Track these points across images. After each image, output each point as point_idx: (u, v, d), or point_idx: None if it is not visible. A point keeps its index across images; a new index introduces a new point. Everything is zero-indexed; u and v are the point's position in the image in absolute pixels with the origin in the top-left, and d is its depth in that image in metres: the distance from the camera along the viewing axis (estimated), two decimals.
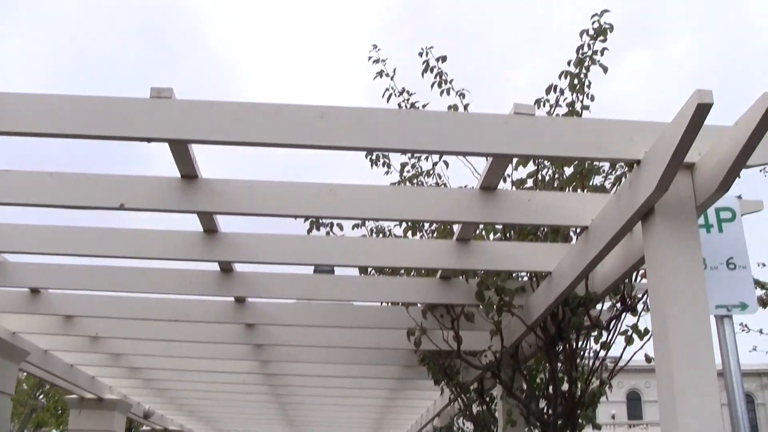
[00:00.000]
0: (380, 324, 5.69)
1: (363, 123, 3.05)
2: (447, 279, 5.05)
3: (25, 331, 6.47)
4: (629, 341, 4.66)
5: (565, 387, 4.83)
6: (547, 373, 5.09)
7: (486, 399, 6.03)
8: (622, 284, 4.48)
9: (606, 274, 4.06)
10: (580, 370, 4.87)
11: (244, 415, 12.68)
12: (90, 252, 4.45)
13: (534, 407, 5.10)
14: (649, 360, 4.16)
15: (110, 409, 9.77)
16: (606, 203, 3.52)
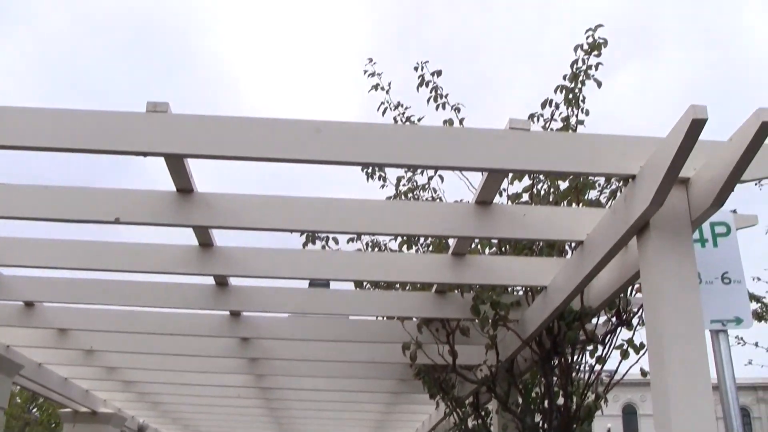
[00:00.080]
0: (375, 338, 5.68)
1: (359, 138, 3.05)
2: (442, 293, 5.04)
3: (19, 345, 6.44)
4: (625, 355, 4.66)
5: (561, 401, 4.83)
6: (542, 387, 5.07)
7: (481, 413, 6.00)
8: (617, 298, 4.48)
9: (601, 288, 4.06)
10: (575, 384, 4.86)
11: (238, 428, 12.61)
12: (85, 265, 4.45)
13: (529, 421, 5.08)
14: (644, 374, 4.15)
15: (104, 422, 9.71)
16: (601, 218, 3.53)
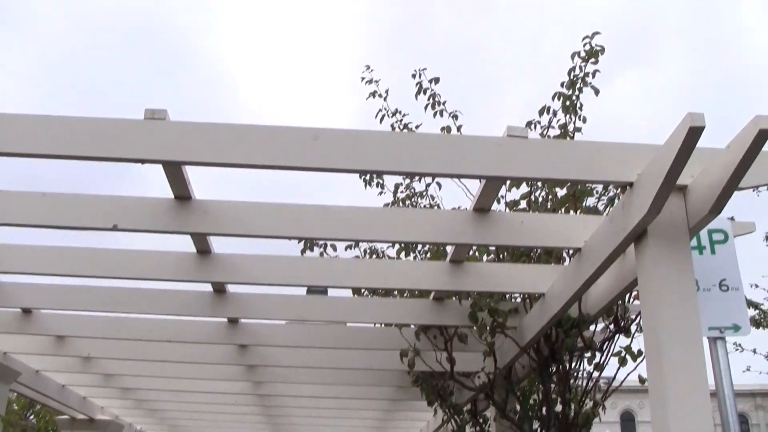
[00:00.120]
0: (373, 345, 5.68)
1: (357, 145, 3.06)
2: (440, 300, 5.04)
3: (16, 352, 6.43)
4: (623, 362, 4.65)
5: (559, 408, 4.82)
6: (540, 394, 5.07)
7: (479, 420, 5.99)
8: (615, 305, 4.48)
9: (599, 295, 4.06)
10: (573, 391, 4.86)
11: None
12: (83, 272, 4.44)
13: (527, 429, 5.07)
14: (642, 381, 4.15)
15: (102, 429, 9.71)
16: (599, 225, 3.53)
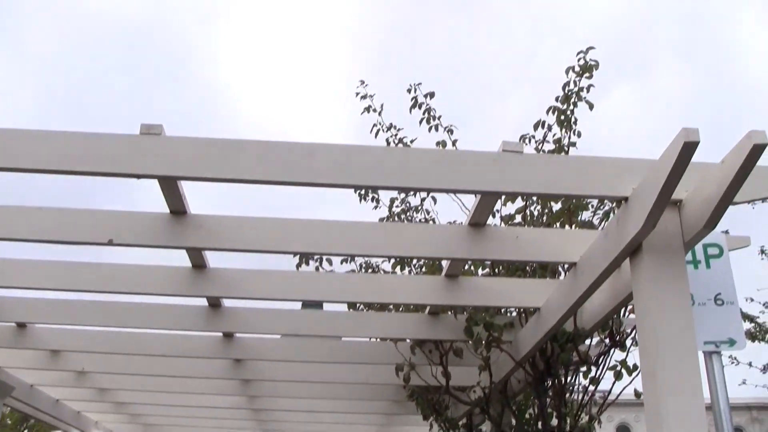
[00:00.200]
0: (369, 359, 5.66)
1: (352, 160, 3.06)
2: (436, 315, 5.03)
3: (10, 366, 6.40)
4: (618, 377, 4.65)
5: (555, 422, 4.81)
6: (536, 408, 5.06)
7: None
8: (610, 320, 4.48)
9: (594, 309, 4.06)
10: (569, 405, 4.85)
11: None
12: (78, 287, 4.43)
13: None
14: (638, 395, 4.15)
15: None
16: (594, 240, 3.53)
